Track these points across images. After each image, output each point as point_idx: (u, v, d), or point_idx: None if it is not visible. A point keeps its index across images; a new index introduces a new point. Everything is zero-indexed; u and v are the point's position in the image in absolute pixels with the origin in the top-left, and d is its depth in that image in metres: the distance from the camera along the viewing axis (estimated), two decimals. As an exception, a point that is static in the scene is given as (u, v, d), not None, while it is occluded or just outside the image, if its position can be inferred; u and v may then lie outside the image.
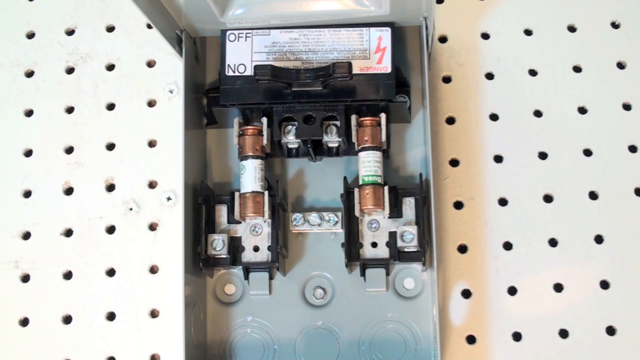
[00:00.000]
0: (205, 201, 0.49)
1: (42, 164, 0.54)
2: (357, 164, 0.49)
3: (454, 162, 0.53)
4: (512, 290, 0.50)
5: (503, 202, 0.52)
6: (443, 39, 0.56)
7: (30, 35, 0.58)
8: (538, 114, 0.53)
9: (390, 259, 0.48)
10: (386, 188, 0.48)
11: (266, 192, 0.48)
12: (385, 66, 0.48)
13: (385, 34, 0.49)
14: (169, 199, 0.53)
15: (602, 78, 0.54)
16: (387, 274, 0.49)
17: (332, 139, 0.49)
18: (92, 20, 0.57)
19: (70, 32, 0.57)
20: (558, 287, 0.50)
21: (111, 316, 0.52)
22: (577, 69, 0.54)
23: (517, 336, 0.50)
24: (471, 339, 0.50)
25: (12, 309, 0.52)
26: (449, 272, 0.50)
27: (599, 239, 0.51)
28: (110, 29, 0.57)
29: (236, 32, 0.49)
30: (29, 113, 0.56)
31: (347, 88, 0.48)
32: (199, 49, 0.53)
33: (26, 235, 0.53)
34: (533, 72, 0.54)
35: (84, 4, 0.58)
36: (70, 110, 0.56)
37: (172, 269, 0.52)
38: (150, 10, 0.45)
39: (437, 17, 0.54)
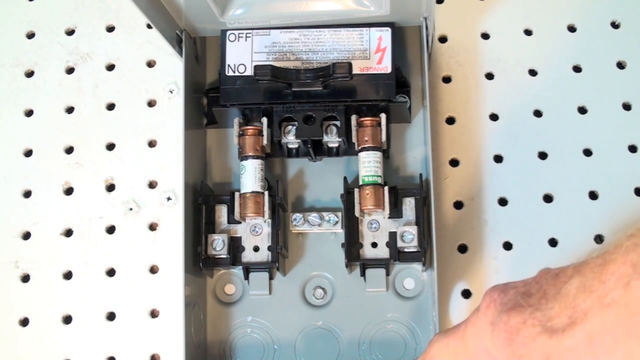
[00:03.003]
0: (205, 201, 0.49)
1: (42, 164, 0.54)
2: (357, 164, 0.49)
3: (454, 162, 0.53)
4: (512, 290, 0.50)
5: (503, 202, 0.52)
6: (443, 39, 0.56)
7: (30, 35, 0.58)
8: (538, 114, 0.53)
9: (390, 259, 0.48)
10: (386, 188, 0.48)
11: (266, 192, 0.48)
12: (385, 66, 0.48)
13: (385, 34, 0.49)
14: (169, 199, 0.53)
15: (602, 78, 0.54)
16: (387, 274, 0.49)
17: (332, 139, 0.49)
18: (92, 20, 0.57)
19: (70, 32, 0.57)
20: (558, 287, 0.50)
21: (111, 316, 0.52)
22: (577, 69, 0.54)
23: (517, 336, 0.49)
24: (471, 339, 0.50)
25: (12, 309, 0.52)
26: (449, 272, 0.50)
27: (599, 239, 0.51)
28: (110, 29, 0.57)
29: (236, 32, 0.49)
30: (29, 113, 0.56)
31: (347, 88, 0.48)
32: (199, 49, 0.53)
33: (26, 235, 0.53)
34: (533, 72, 0.54)
35: (84, 4, 0.58)
36: (70, 110, 0.56)
37: (172, 269, 0.52)
38: (150, 10, 0.45)
39: (437, 17, 0.54)
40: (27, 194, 0.54)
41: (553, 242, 0.51)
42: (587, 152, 0.52)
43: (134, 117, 0.55)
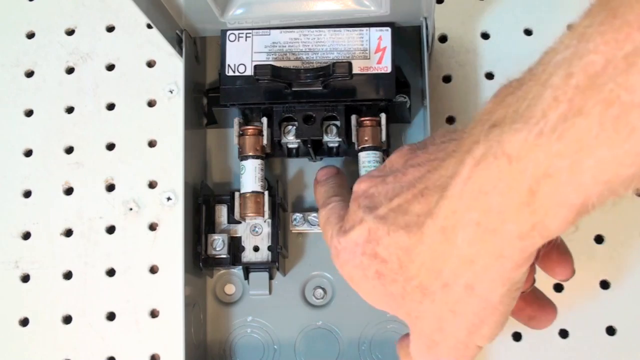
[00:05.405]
0: (205, 201, 0.49)
1: (42, 164, 0.54)
2: (357, 164, 0.49)
3: (454, 162, 0.53)
4: (512, 290, 0.50)
5: (503, 202, 0.52)
6: (443, 39, 0.56)
7: (30, 35, 0.58)
8: (538, 114, 0.53)
9: (390, 259, 0.48)
10: (386, 188, 0.48)
11: (266, 192, 0.48)
12: (385, 66, 0.48)
13: (385, 34, 0.49)
14: (169, 199, 0.53)
15: (602, 78, 0.54)
16: (387, 274, 0.49)
17: (332, 139, 0.49)
18: (92, 20, 0.57)
19: (70, 32, 0.57)
20: (558, 288, 0.50)
21: (111, 316, 0.52)
22: (577, 69, 0.54)
23: (517, 336, 0.50)
24: (471, 339, 0.50)
25: (12, 309, 0.52)
26: (449, 272, 0.50)
27: (599, 239, 0.51)
28: (110, 29, 0.57)
29: (236, 32, 0.49)
30: (29, 113, 0.56)
31: (347, 88, 0.48)
32: (199, 49, 0.53)
33: (26, 235, 0.53)
34: (533, 72, 0.54)
35: (84, 4, 0.58)
36: (70, 110, 0.56)
37: (172, 269, 0.52)
38: (150, 10, 0.45)
39: (437, 17, 0.53)
40: (27, 194, 0.54)
41: (553, 242, 0.51)
42: (587, 152, 0.52)
43: (134, 117, 0.55)
